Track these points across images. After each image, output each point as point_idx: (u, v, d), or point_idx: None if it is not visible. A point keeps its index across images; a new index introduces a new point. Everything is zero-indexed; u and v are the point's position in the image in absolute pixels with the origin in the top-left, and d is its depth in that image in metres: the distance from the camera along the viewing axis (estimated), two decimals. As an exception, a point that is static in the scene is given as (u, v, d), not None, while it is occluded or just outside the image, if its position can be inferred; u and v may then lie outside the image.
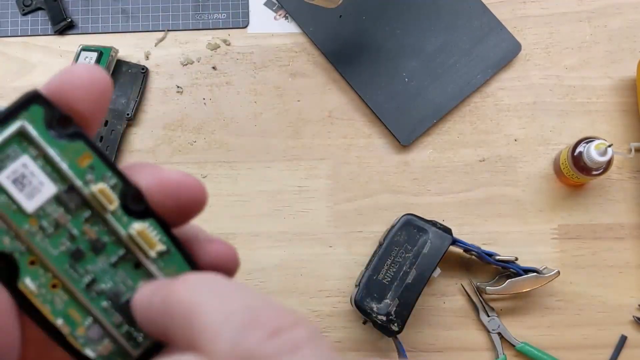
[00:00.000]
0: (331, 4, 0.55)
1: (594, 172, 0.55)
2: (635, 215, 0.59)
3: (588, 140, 0.56)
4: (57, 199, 0.20)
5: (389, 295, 0.52)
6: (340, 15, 0.62)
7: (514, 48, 0.62)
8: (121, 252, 0.20)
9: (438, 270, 0.53)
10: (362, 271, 0.54)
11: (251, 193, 0.59)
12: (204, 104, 0.61)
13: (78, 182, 0.20)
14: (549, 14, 0.63)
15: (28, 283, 0.20)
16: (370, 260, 0.53)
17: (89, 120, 0.20)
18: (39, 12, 0.63)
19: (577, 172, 0.55)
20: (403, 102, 0.61)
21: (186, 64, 0.62)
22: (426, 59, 0.62)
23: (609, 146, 0.54)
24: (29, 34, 0.63)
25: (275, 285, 0.57)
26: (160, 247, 0.20)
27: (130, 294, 0.20)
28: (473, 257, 0.57)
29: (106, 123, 0.59)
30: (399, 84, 0.62)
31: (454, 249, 0.55)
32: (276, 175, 0.59)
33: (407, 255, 0.52)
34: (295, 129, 0.61)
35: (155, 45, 0.63)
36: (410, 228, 0.53)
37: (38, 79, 0.62)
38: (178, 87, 0.62)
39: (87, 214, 0.20)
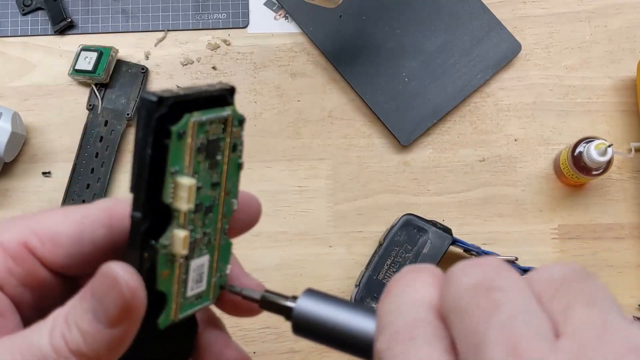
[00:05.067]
0: (331, 4, 0.55)
1: (594, 172, 0.55)
2: (636, 215, 0.59)
3: (588, 140, 0.56)
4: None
5: (389, 295, 0.52)
6: (340, 15, 0.63)
7: (514, 48, 0.62)
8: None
9: (438, 270, 0.53)
10: (362, 271, 0.54)
11: (251, 193, 0.59)
12: (204, 104, 0.61)
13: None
14: (549, 14, 0.63)
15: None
16: (370, 260, 0.54)
17: None
18: (39, 12, 0.63)
19: (577, 172, 0.55)
20: (403, 102, 0.61)
21: (186, 64, 0.62)
22: (426, 59, 0.62)
23: (609, 146, 0.54)
24: (29, 34, 0.63)
25: (275, 285, 0.57)
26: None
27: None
28: (473, 257, 0.57)
29: (106, 123, 0.59)
30: (399, 83, 0.62)
31: (454, 249, 0.55)
32: (276, 175, 0.59)
33: (407, 255, 0.52)
34: (295, 129, 0.61)
35: (155, 45, 0.63)
36: (410, 228, 0.53)
37: (38, 79, 0.62)
38: (178, 87, 0.61)
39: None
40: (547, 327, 0.16)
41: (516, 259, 0.56)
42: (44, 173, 0.59)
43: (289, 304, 0.23)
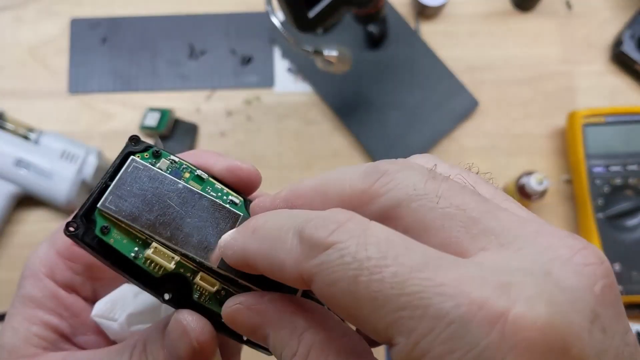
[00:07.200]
0: (340, 72, 0.62)
1: (534, 198, 0.62)
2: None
3: (529, 173, 0.61)
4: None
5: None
6: (344, 78, 0.70)
7: (473, 104, 0.70)
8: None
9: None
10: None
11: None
12: (241, 144, 0.69)
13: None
14: (500, 80, 0.71)
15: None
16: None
17: None
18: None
19: (521, 198, 0.62)
20: (390, 144, 0.67)
21: (227, 115, 0.69)
22: (407, 111, 0.69)
23: (545, 178, 0.60)
24: (110, 90, 0.71)
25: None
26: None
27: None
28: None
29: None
30: (387, 130, 0.68)
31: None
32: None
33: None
34: (308, 164, 0.68)
35: (205, 100, 0.70)
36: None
37: (116, 126, 0.69)
38: (221, 132, 0.70)
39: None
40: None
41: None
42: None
43: None
